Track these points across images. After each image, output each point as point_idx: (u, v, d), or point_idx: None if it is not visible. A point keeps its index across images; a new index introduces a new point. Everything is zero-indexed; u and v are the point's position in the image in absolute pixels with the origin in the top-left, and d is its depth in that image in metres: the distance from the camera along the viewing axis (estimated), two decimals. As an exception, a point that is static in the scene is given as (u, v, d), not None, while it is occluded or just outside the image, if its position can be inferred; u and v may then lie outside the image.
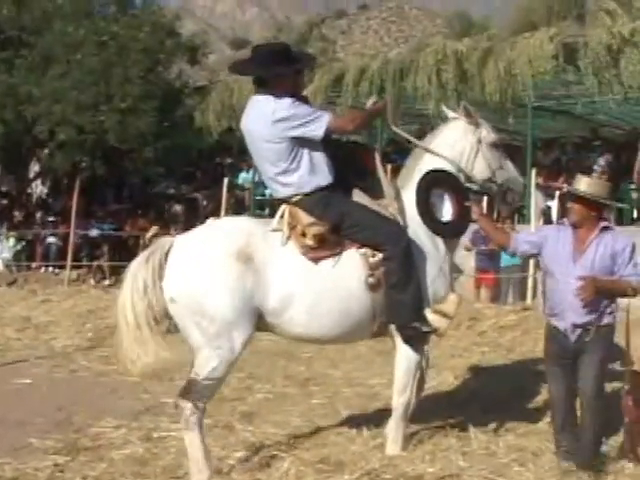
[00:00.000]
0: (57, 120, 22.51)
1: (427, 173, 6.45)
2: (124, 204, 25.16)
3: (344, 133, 6.53)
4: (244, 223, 6.34)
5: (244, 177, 23.31)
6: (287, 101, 6.02)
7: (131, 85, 22.74)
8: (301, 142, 6.05)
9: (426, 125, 17.50)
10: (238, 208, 21.23)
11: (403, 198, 6.40)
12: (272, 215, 6.47)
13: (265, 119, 6.03)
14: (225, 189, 18.88)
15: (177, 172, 26.15)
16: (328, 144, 6.20)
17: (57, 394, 8.81)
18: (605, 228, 5.96)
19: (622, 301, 6.12)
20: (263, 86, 6.17)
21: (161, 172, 25.17)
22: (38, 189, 28.87)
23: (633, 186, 17.30)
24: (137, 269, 5.92)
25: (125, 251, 21.00)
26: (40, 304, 15.04)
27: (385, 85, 17.74)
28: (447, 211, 6.47)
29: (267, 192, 21.97)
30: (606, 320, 5.92)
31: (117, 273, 19.80)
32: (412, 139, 7.02)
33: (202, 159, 26.78)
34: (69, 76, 22.88)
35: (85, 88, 22.59)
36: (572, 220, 5.99)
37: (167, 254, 5.91)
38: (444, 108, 7.32)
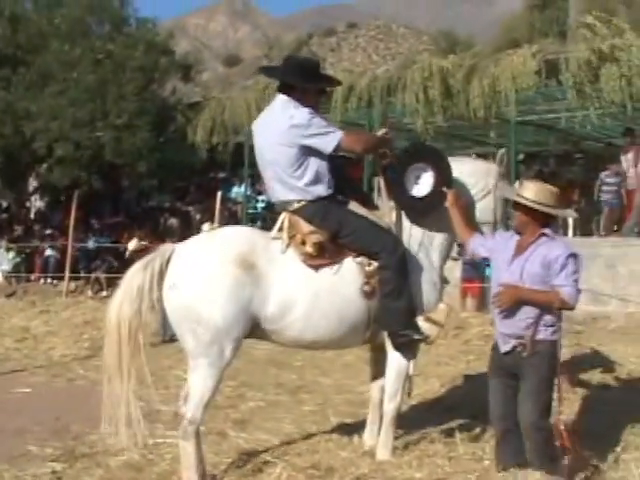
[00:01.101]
0: (55, 136, 22.55)
1: (418, 143, 6.52)
2: (120, 217, 25.15)
3: (352, 153, 6.55)
4: (246, 232, 6.36)
5: (237, 191, 23.34)
6: (306, 110, 6.10)
7: (126, 102, 22.79)
8: (309, 151, 6.09)
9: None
10: (230, 221, 21.23)
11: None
12: (263, 228, 6.49)
13: (282, 122, 6.11)
14: (218, 203, 18.87)
15: (171, 186, 26.19)
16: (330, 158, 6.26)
17: (55, 403, 8.81)
18: (543, 235, 5.52)
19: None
20: (287, 93, 6.25)
21: (155, 186, 25.19)
22: (37, 203, 28.88)
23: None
24: (132, 276, 5.94)
25: (122, 263, 20.97)
26: (39, 315, 15.04)
27: (373, 101, 17.79)
28: (423, 187, 6.41)
29: (259, 206, 22.08)
30: (542, 335, 5.44)
31: (114, 285, 19.82)
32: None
33: (195, 174, 26.79)
34: (66, 93, 22.93)
35: (82, 105, 22.63)
36: (514, 226, 5.79)
37: (168, 261, 5.92)
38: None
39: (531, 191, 5.52)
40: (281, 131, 6.10)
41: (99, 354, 11.21)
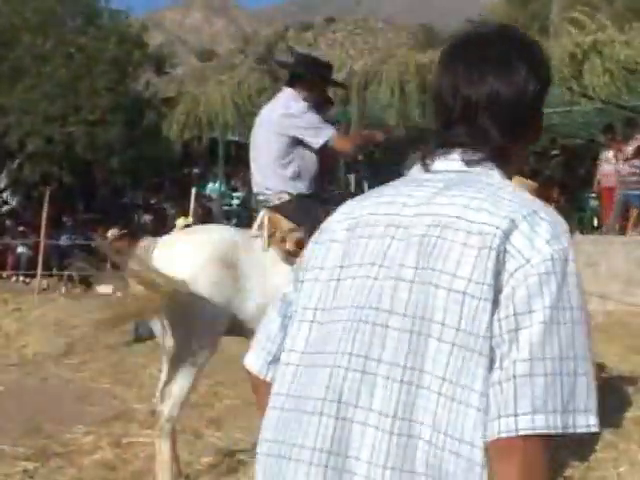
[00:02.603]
0: (26, 131, 22.46)
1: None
2: (94, 214, 25.07)
3: (342, 152, 6.58)
4: (226, 230, 6.41)
5: (212, 188, 23.33)
6: (303, 104, 6.22)
7: (99, 96, 22.74)
8: (298, 145, 6.18)
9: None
10: (206, 218, 21.21)
11: None
12: (239, 225, 6.51)
13: (278, 111, 6.24)
14: (192, 199, 18.86)
15: (145, 182, 26.15)
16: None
17: (28, 401, 8.78)
18: None
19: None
20: (294, 86, 6.39)
21: (129, 182, 25.14)
22: (9, 199, 28.75)
23: (593, 195, 17.53)
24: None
25: (95, 261, 20.92)
26: (11, 313, 14.96)
27: (350, 96, 17.81)
28: None
29: (234, 202, 22.07)
30: None
31: (87, 282, 19.75)
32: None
33: (170, 169, 26.76)
34: (38, 88, 22.84)
35: (54, 100, 22.56)
36: None
37: (152, 255, 5.94)
38: None
39: None
40: (275, 119, 6.22)
41: (73, 352, 11.31)
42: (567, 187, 18.26)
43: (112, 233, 17.13)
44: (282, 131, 6.17)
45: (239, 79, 20.66)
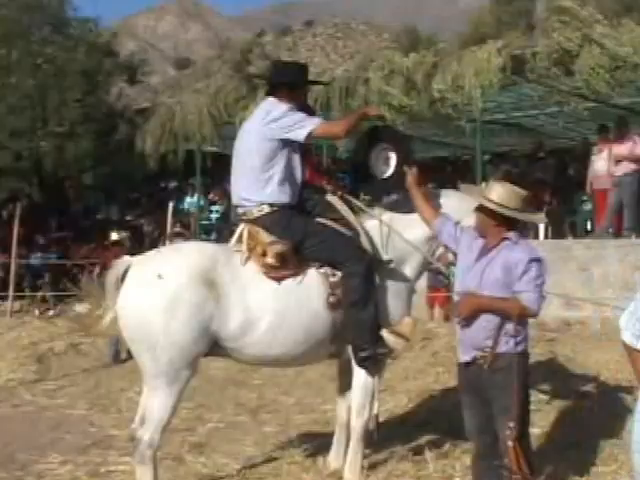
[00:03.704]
0: (-7, 146, 22.36)
1: (376, 127, 6.65)
2: (67, 232, 24.97)
3: (332, 137, 6.60)
4: (206, 246, 6.43)
5: (189, 202, 23.28)
6: (284, 106, 6.31)
7: (68, 108, 22.62)
8: (282, 151, 6.26)
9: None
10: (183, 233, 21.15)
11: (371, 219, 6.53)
12: (218, 240, 6.53)
13: (260, 119, 6.33)
14: (170, 214, 18.80)
15: (119, 198, 26.06)
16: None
17: (0, 430, 8.74)
18: (505, 239, 5.42)
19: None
20: (274, 94, 6.48)
21: (102, 198, 25.05)
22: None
23: (585, 198, 17.54)
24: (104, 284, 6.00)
25: (69, 280, 20.83)
26: (-19, 337, 14.88)
27: (332, 103, 17.81)
28: (386, 168, 6.57)
29: (213, 216, 22.02)
30: (504, 347, 5.30)
31: (61, 303, 19.66)
32: None
33: (145, 184, 26.68)
34: (4, 100, 22.71)
35: (21, 112, 22.41)
36: (475, 227, 5.61)
37: (123, 276, 5.95)
38: None
39: (497, 193, 5.43)
40: (257, 128, 6.30)
41: (47, 378, 11.27)
42: (559, 189, 18.28)
43: (115, 235, 17.15)
44: (266, 137, 6.22)
45: (216, 88, 20.63)
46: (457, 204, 6.48)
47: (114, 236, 17.64)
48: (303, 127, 6.19)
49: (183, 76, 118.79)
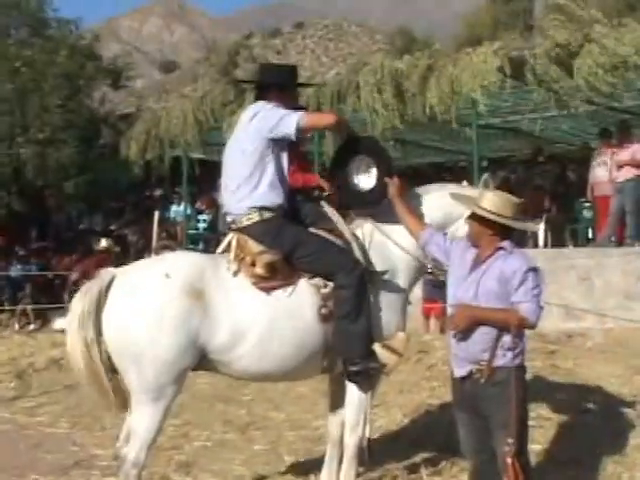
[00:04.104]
0: (-30, 153, 22.35)
1: (356, 138, 6.64)
2: (48, 242, 24.96)
3: (316, 129, 6.55)
4: (193, 257, 6.40)
5: (176, 210, 23.26)
6: (269, 105, 6.33)
7: (49, 114, 22.65)
8: (271, 153, 6.25)
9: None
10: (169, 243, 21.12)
11: (363, 227, 6.53)
12: (206, 250, 6.53)
13: (246, 121, 6.35)
14: (155, 223, 18.81)
15: (103, 207, 26.04)
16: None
17: (-22, 450, 8.70)
18: (500, 249, 5.42)
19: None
20: (263, 98, 6.48)
21: (85, 207, 25.01)
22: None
23: (587, 204, 17.55)
24: (75, 302, 5.95)
25: (51, 293, 20.83)
26: (-40, 352, 14.82)
27: (323, 108, 17.80)
28: (367, 179, 6.56)
29: (200, 226, 22.00)
30: (501, 361, 5.30)
31: (42, 317, 19.64)
32: None
33: (130, 192, 26.68)
34: (-19, 106, 22.74)
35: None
36: (467, 237, 5.63)
37: (108, 288, 5.92)
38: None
39: (490, 201, 5.43)
40: (245, 131, 6.32)
41: (27, 395, 11.21)
42: (559, 196, 18.32)
43: (103, 244, 17.23)
44: (254, 139, 6.24)
45: (202, 92, 20.66)
46: (440, 202, 6.51)
47: (103, 242, 17.69)
48: (290, 121, 6.19)
49: (169, 80, 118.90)
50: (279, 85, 6.50)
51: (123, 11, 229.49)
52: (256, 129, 6.24)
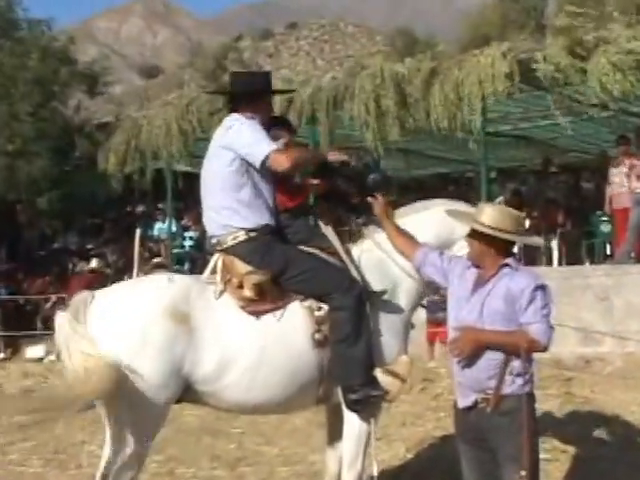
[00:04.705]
0: None
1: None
2: (18, 262, 24.91)
3: (281, 170, 6.50)
4: (178, 278, 6.40)
5: (160, 227, 23.25)
6: (246, 120, 6.34)
7: (19, 123, 22.61)
8: (250, 173, 6.26)
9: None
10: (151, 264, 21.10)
11: (360, 244, 6.56)
12: (192, 271, 6.54)
13: (220, 136, 6.39)
14: (137, 242, 18.79)
15: (80, 224, 26.01)
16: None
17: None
18: (505, 266, 5.42)
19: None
20: (236, 110, 6.51)
21: (58, 225, 24.97)
22: None
23: (604, 218, 17.57)
24: (60, 326, 5.89)
25: (22, 319, 20.77)
26: None
27: (317, 116, 17.82)
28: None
29: (186, 244, 21.99)
30: (509, 388, 5.29)
31: (13, 345, 19.59)
32: None
33: (109, 208, 26.67)
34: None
35: (-35, 128, 22.46)
36: (469, 257, 5.62)
37: (88, 310, 5.90)
38: None
39: (489, 216, 5.43)
40: (220, 147, 6.34)
41: (-2, 429, 11.17)
42: (574, 209, 18.36)
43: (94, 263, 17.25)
44: (229, 156, 6.24)
45: (188, 99, 20.67)
46: (436, 220, 6.49)
47: (93, 263, 17.67)
48: (259, 152, 6.17)
49: (150, 86, 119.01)
50: (251, 93, 6.53)
51: (100, 11, 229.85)
52: (230, 145, 6.25)
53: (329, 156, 6.78)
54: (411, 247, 6.05)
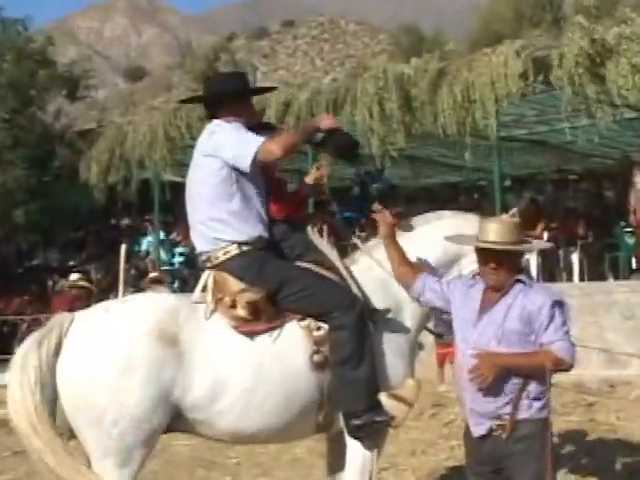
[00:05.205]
0: None
1: None
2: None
3: (272, 159, 6.44)
4: (167, 298, 6.45)
5: (147, 242, 23.25)
6: (227, 125, 6.32)
7: (-6, 130, 22.68)
8: (240, 182, 6.24)
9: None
10: (140, 281, 21.10)
11: (360, 261, 6.56)
12: (183, 290, 6.51)
13: (203, 144, 6.39)
14: (122, 258, 18.76)
15: (60, 238, 26.01)
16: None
17: None
18: (517, 282, 5.43)
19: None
20: (216, 116, 6.50)
21: (37, 240, 24.98)
22: None
23: (628, 229, 17.55)
24: (25, 356, 5.88)
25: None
26: None
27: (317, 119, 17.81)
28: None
29: (176, 260, 21.99)
30: (525, 413, 5.32)
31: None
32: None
33: (92, 221, 26.68)
34: None
35: None
36: (488, 284, 5.50)
37: (66, 333, 5.88)
38: None
39: (494, 231, 5.45)
40: (203, 153, 6.34)
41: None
42: (595, 220, 18.35)
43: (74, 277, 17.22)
44: (215, 166, 6.23)
45: (175, 104, 20.69)
46: (441, 237, 6.39)
47: (73, 277, 17.61)
48: (248, 150, 6.14)
49: (136, 89, 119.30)
50: (229, 95, 6.52)
51: (81, 9, 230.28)
52: (216, 151, 6.24)
53: (322, 123, 6.74)
54: (411, 278, 6.04)
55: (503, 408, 5.33)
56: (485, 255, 5.46)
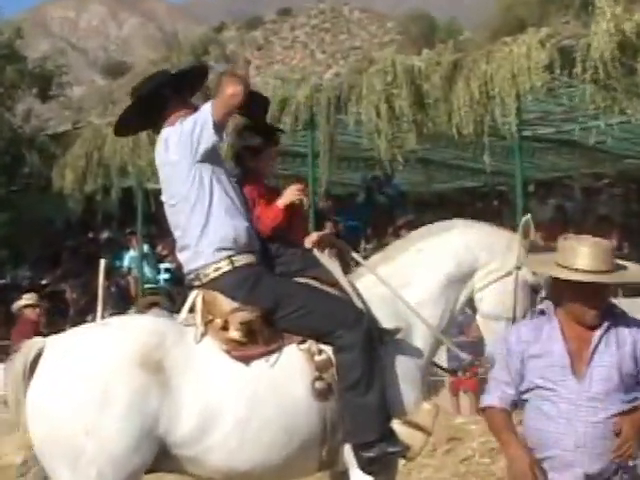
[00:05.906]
0: None
1: None
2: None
3: (236, 98, 6.34)
4: (152, 320, 6.47)
5: (130, 257, 23.25)
6: (175, 124, 6.35)
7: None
8: (215, 188, 6.26)
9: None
10: (121, 301, 21.11)
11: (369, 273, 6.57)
12: (170, 310, 6.51)
13: (162, 154, 6.41)
14: (102, 275, 18.76)
15: (32, 254, 26.03)
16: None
17: None
18: (609, 312, 5.08)
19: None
20: (163, 119, 6.52)
21: (4, 256, 25.04)
22: None
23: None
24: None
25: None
26: None
27: (317, 120, 17.81)
28: None
29: (161, 277, 21.99)
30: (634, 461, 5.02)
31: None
32: None
33: (68, 235, 26.70)
34: None
35: None
36: (593, 322, 5.04)
37: (36, 362, 5.89)
38: None
39: (590, 257, 4.98)
40: (165, 163, 6.38)
41: None
42: (632, 229, 18.35)
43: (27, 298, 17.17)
44: (184, 176, 6.25)
45: (160, 102, 20.72)
46: (480, 238, 6.53)
47: (26, 298, 17.53)
48: (204, 125, 6.18)
49: (116, 87, 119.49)
50: (174, 89, 6.53)
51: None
52: (178, 151, 6.26)
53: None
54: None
55: (614, 463, 5.01)
56: (584, 289, 4.99)
